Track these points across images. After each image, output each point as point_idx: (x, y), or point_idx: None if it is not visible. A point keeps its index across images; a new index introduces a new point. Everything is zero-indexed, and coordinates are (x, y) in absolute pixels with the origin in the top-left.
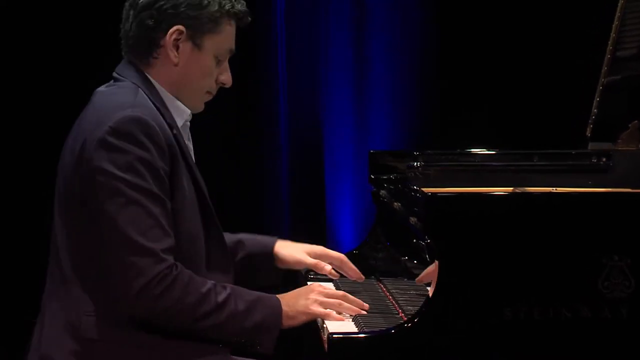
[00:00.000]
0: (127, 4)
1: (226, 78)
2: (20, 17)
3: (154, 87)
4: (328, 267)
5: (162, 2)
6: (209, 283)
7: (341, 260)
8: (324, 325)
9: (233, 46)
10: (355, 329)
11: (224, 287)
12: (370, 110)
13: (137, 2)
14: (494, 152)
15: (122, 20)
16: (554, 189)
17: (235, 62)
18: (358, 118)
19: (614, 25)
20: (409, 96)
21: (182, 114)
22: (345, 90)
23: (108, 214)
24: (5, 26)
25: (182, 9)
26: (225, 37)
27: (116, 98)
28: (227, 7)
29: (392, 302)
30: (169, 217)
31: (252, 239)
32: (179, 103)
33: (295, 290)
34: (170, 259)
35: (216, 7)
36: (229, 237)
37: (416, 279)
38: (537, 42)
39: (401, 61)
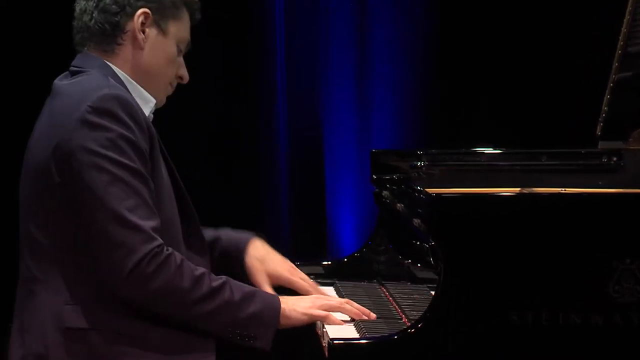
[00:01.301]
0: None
1: (184, 72)
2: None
3: (118, 76)
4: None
5: None
6: (202, 269)
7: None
8: (324, 330)
9: (189, 37)
10: (356, 335)
11: (220, 277)
12: (372, 109)
13: None
14: (500, 152)
15: (74, 15)
16: (563, 189)
17: (235, 61)
18: (359, 116)
19: (625, 20)
20: (412, 94)
21: (147, 104)
22: (346, 89)
23: (93, 192)
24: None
25: None
26: (185, 25)
27: (88, 83)
28: None
29: (394, 306)
30: (153, 196)
31: (227, 235)
32: (145, 92)
33: (296, 296)
34: (159, 238)
35: None
36: (209, 232)
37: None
38: (545, 37)
39: (404, 58)
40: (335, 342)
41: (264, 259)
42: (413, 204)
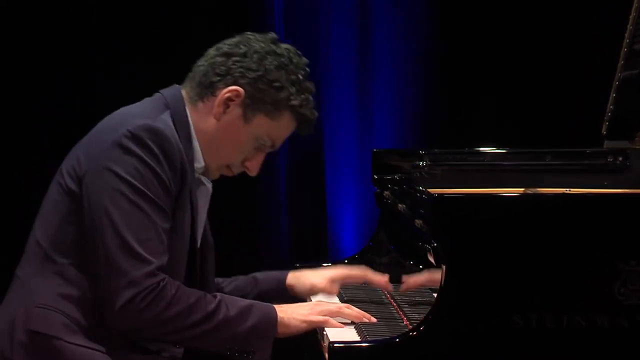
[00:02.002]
0: (216, 45)
1: (253, 167)
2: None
3: (186, 119)
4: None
5: (239, 59)
6: (199, 293)
7: (364, 276)
8: (324, 333)
9: (279, 143)
10: (357, 338)
11: (214, 296)
12: (373, 107)
13: (222, 47)
14: (504, 151)
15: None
16: (568, 189)
17: None
18: (360, 116)
19: (630, 17)
20: (414, 92)
21: (197, 161)
22: (346, 88)
23: (110, 215)
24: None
25: (253, 76)
26: (276, 127)
27: (140, 109)
28: (294, 102)
29: (396, 309)
30: (167, 233)
31: (265, 276)
32: (198, 152)
33: (295, 304)
34: (162, 275)
35: (284, 95)
36: (243, 278)
37: (401, 288)
38: (549, 34)
39: (406, 56)
40: (335, 345)
41: (311, 272)
42: (415, 204)
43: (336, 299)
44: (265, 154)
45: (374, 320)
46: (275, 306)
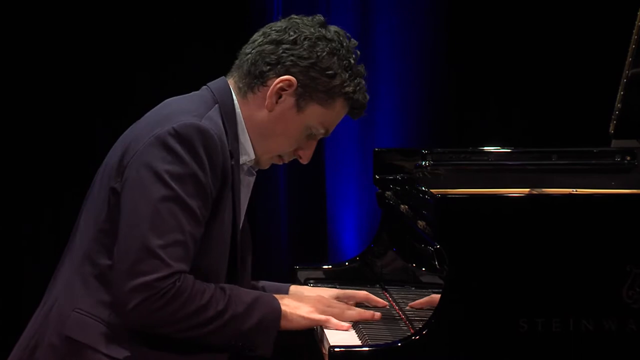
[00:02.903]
0: (261, 29)
1: (305, 155)
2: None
3: (234, 112)
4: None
5: (289, 46)
6: (210, 289)
7: (366, 298)
8: (324, 337)
9: (332, 129)
10: (358, 342)
11: (224, 290)
12: (375, 106)
13: (270, 33)
14: (509, 151)
15: (249, 40)
16: (574, 190)
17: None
18: None
19: (638, 14)
20: (417, 90)
21: (246, 154)
22: None
23: (138, 213)
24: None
25: (305, 64)
26: (329, 115)
27: (189, 104)
28: (348, 89)
29: (398, 312)
30: (196, 242)
31: (268, 287)
32: (249, 145)
33: (298, 297)
34: (176, 275)
35: (338, 83)
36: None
37: (409, 304)
38: (557, 31)
39: (408, 53)
40: (335, 349)
41: (311, 290)
42: (417, 205)
43: None
44: (317, 140)
45: (378, 315)
46: (279, 297)
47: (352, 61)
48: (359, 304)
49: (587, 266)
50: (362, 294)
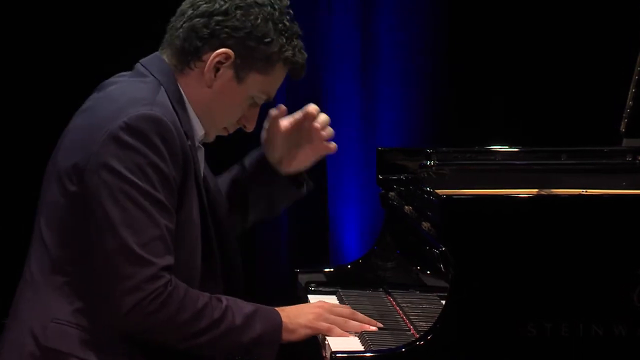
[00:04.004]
0: (190, 1)
1: (249, 122)
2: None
3: (179, 91)
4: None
5: (222, 18)
6: (205, 297)
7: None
8: (326, 343)
9: (273, 94)
10: (361, 347)
11: (220, 300)
12: (378, 103)
13: (199, 4)
14: (516, 150)
15: (175, 12)
16: (584, 191)
17: None
18: (364, 111)
19: None
20: (421, 87)
21: (197, 130)
22: (349, 81)
23: (109, 218)
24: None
25: (240, 35)
26: (270, 81)
27: (135, 92)
28: (287, 54)
29: (402, 317)
30: (172, 232)
31: (239, 168)
32: (196, 121)
33: (299, 305)
34: (167, 276)
35: (276, 49)
36: (222, 181)
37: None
38: (565, 25)
39: (412, 49)
40: (338, 355)
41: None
42: (422, 206)
43: (336, 301)
44: (259, 106)
45: (379, 325)
46: (279, 309)
47: (287, 23)
48: None
49: (596, 269)
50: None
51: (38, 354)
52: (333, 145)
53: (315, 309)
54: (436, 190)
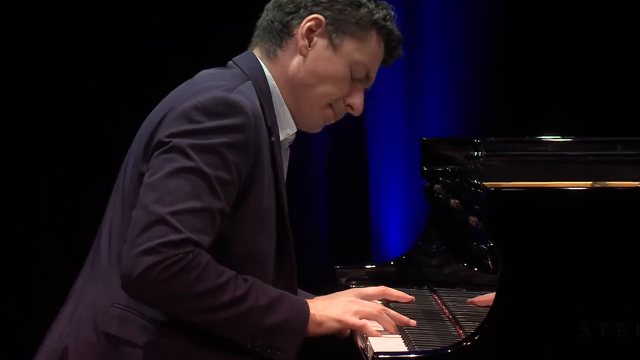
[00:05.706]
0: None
1: (356, 103)
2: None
3: (268, 86)
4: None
5: None
6: (230, 273)
7: (383, 293)
8: (367, 344)
9: (373, 73)
10: (404, 348)
11: (246, 280)
12: (423, 91)
13: None
14: (569, 140)
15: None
16: None
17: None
18: (408, 100)
19: None
20: (469, 75)
21: (285, 129)
22: (392, 67)
23: (157, 179)
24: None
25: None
26: (367, 52)
27: (218, 80)
28: (377, 16)
29: (448, 316)
30: (216, 216)
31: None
32: (288, 116)
33: (328, 295)
34: (192, 247)
35: (366, 11)
36: None
37: (468, 300)
38: (617, 13)
39: (460, 35)
40: (380, 356)
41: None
42: (469, 199)
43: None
44: (364, 90)
45: (413, 322)
46: (307, 300)
47: None
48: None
49: None
50: (379, 290)
51: (94, 339)
52: None
53: (347, 301)
54: (484, 183)
